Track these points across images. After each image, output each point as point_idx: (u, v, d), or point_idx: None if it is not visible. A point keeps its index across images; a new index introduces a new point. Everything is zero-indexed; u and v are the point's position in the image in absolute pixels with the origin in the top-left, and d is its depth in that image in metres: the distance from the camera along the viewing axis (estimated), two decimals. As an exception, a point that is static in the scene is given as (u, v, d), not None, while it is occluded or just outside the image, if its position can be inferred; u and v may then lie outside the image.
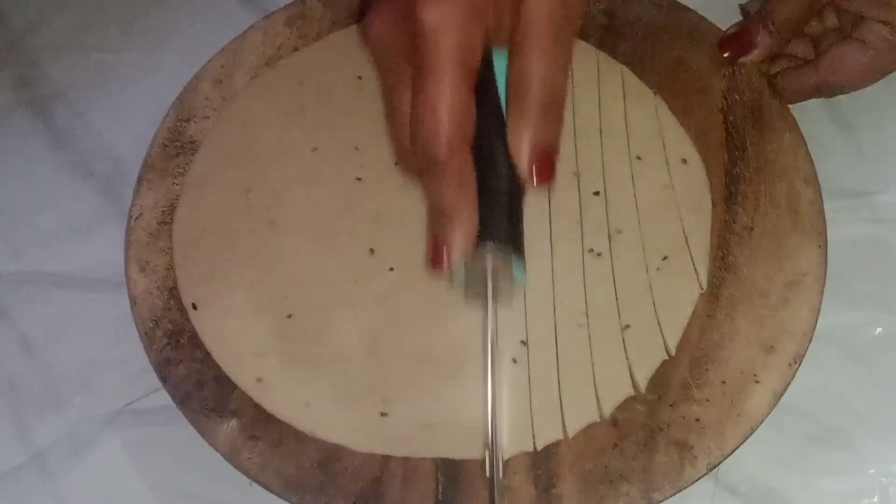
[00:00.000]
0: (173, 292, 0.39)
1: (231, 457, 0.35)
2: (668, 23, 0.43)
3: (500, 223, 0.31)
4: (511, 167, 0.31)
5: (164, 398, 0.37)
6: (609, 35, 0.43)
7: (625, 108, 0.41)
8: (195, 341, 0.37)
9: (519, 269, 0.32)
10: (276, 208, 0.40)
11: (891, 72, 0.38)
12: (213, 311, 0.38)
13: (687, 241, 0.38)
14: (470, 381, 0.36)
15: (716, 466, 0.34)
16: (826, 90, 0.39)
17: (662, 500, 0.33)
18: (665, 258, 0.38)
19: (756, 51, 0.40)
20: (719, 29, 0.42)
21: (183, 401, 0.36)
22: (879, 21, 0.37)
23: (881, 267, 0.40)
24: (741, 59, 0.41)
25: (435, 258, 0.31)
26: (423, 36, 0.28)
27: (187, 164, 0.41)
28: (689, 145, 0.40)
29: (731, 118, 0.40)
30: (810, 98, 0.40)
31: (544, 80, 0.30)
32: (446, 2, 0.28)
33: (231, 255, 0.39)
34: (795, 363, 0.35)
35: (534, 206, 0.39)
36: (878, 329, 0.39)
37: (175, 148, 0.42)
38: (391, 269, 0.38)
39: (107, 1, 0.50)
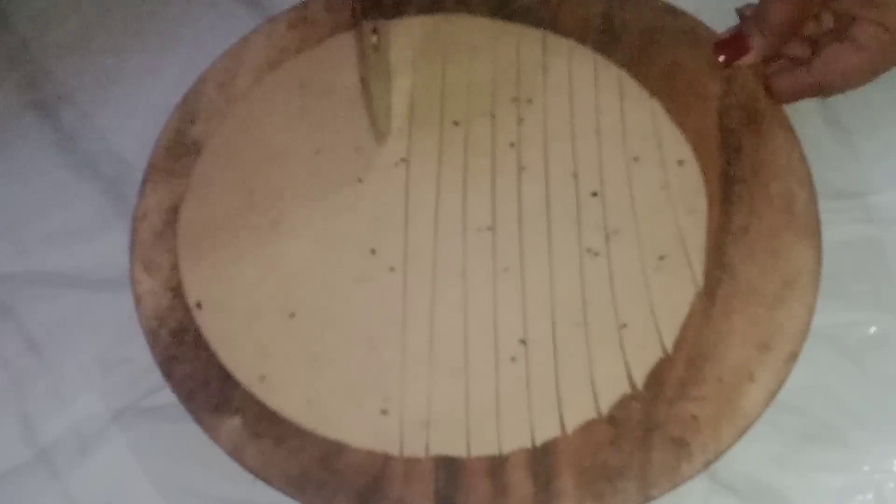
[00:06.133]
0: (177, 291, 0.39)
1: (235, 453, 0.35)
2: (665, 26, 0.44)
3: None
4: None
5: (168, 396, 0.37)
6: (606, 39, 0.44)
7: (622, 111, 0.42)
8: (199, 340, 0.38)
9: None
10: (278, 209, 0.40)
11: (884, 71, 0.38)
12: (217, 309, 0.38)
13: (683, 241, 0.38)
14: (470, 379, 0.36)
15: (711, 463, 0.34)
16: (820, 90, 0.40)
17: (659, 496, 0.34)
18: (662, 258, 0.38)
19: (751, 54, 0.41)
20: (715, 32, 0.43)
21: (187, 398, 0.37)
22: (871, 21, 0.37)
23: (875, 267, 0.40)
24: (736, 63, 0.41)
25: None
26: None
27: (191, 165, 0.42)
28: (685, 147, 0.40)
29: (726, 120, 0.41)
30: (804, 98, 0.41)
31: None
32: None
33: (235, 255, 0.39)
34: (790, 361, 0.35)
35: (532, 205, 0.40)
36: (872, 328, 0.39)
37: (179, 149, 0.42)
38: (392, 269, 0.38)
39: (112, 4, 0.50)
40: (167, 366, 0.37)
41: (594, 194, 0.40)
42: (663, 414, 0.35)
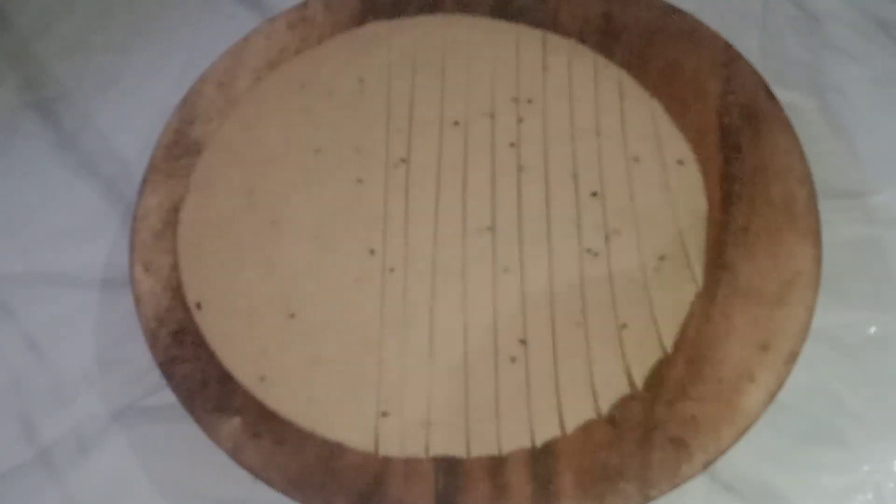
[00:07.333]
0: (177, 292, 0.39)
1: (235, 454, 0.35)
2: (665, 26, 0.44)
3: None
4: None
5: (168, 396, 0.37)
6: (606, 39, 0.44)
7: (622, 111, 0.42)
8: (199, 340, 0.38)
9: None
10: (278, 209, 0.40)
11: None
12: (217, 310, 0.38)
13: (683, 241, 0.38)
14: (470, 379, 0.36)
15: (711, 463, 0.34)
16: None
17: (659, 497, 0.34)
18: (661, 258, 0.38)
19: None
20: (715, 32, 0.43)
21: (187, 399, 0.37)
22: None
23: (875, 267, 0.40)
24: None
25: None
26: None
27: (191, 165, 0.42)
28: (685, 147, 0.41)
29: (726, 120, 0.41)
30: None
31: None
32: None
33: (235, 256, 0.39)
34: (790, 361, 0.35)
35: (532, 205, 0.40)
36: (872, 328, 0.39)
37: (179, 150, 0.42)
38: (391, 270, 0.39)
39: (112, 4, 0.51)
40: (167, 366, 0.37)
41: (594, 194, 0.40)
42: (663, 414, 0.35)
